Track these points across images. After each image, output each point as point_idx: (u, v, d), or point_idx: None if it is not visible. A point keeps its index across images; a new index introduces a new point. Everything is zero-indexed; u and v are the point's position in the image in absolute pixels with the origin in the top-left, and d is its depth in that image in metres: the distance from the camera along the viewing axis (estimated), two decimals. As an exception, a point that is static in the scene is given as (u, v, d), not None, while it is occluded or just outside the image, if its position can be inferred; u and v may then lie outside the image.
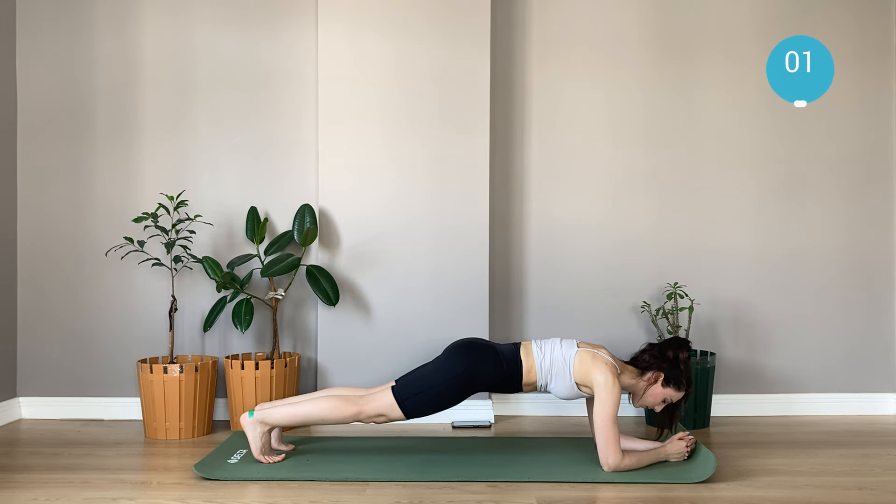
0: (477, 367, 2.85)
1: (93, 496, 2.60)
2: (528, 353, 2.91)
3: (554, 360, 2.87)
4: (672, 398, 2.90)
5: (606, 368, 2.80)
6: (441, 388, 2.82)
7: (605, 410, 2.74)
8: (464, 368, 2.83)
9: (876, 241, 3.82)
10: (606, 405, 2.75)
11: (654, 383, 2.89)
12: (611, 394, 2.76)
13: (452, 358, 2.88)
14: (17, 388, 3.72)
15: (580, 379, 2.84)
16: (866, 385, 3.81)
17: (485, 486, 2.69)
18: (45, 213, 3.72)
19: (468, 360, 2.86)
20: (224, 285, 3.45)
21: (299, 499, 2.58)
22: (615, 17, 3.80)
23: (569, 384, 2.86)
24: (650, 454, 2.84)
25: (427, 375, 2.87)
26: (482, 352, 2.88)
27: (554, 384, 2.88)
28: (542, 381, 2.89)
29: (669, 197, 3.81)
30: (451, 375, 2.83)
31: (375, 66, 3.63)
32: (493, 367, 2.86)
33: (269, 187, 3.72)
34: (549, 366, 2.87)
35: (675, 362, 2.89)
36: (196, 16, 3.72)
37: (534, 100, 3.80)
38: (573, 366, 2.84)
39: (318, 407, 2.86)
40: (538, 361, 2.88)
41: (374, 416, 2.84)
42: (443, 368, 2.86)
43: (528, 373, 2.88)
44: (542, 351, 2.90)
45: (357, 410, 2.83)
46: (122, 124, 3.72)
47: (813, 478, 2.79)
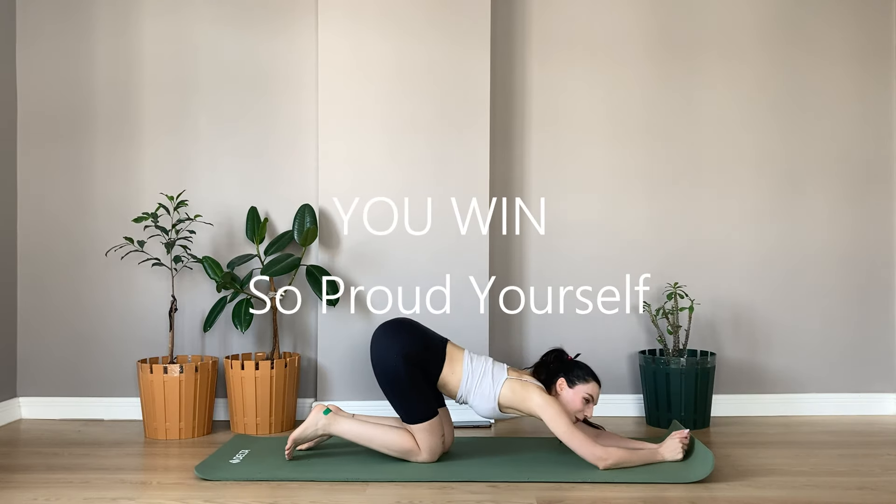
0: (405, 344, 2.86)
1: (93, 496, 2.60)
2: (456, 359, 2.92)
3: (483, 381, 2.89)
4: (589, 393, 2.89)
5: (539, 391, 2.84)
6: (410, 388, 2.84)
7: (559, 425, 2.78)
8: (400, 359, 2.83)
9: (876, 240, 3.82)
10: (557, 420, 2.79)
11: (563, 389, 2.90)
12: (553, 407, 2.80)
13: (386, 362, 2.86)
14: (17, 388, 3.72)
15: (508, 405, 2.88)
16: (866, 385, 3.81)
17: (485, 486, 2.69)
18: (45, 213, 3.72)
19: (394, 346, 2.86)
20: (224, 285, 3.45)
21: (299, 499, 2.58)
22: (615, 16, 3.80)
23: (491, 406, 2.89)
24: (642, 454, 2.85)
25: (399, 396, 2.86)
26: (407, 330, 2.91)
27: (475, 401, 2.90)
28: (462, 393, 2.91)
29: (669, 197, 3.81)
30: (402, 375, 2.83)
31: (375, 65, 3.63)
32: (418, 344, 2.87)
33: (269, 187, 3.72)
34: (475, 384, 2.89)
35: (562, 363, 2.94)
36: (196, 16, 3.72)
37: (534, 99, 3.80)
38: (500, 392, 2.87)
39: (388, 437, 2.88)
40: (465, 374, 2.90)
41: (418, 450, 2.89)
42: (394, 378, 2.85)
43: (449, 375, 2.90)
44: (472, 366, 2.91)
45: (413, 449, 2.87)
46: (122, 124, 3.72)
47: (813, 478, 2.79)
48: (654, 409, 3.56)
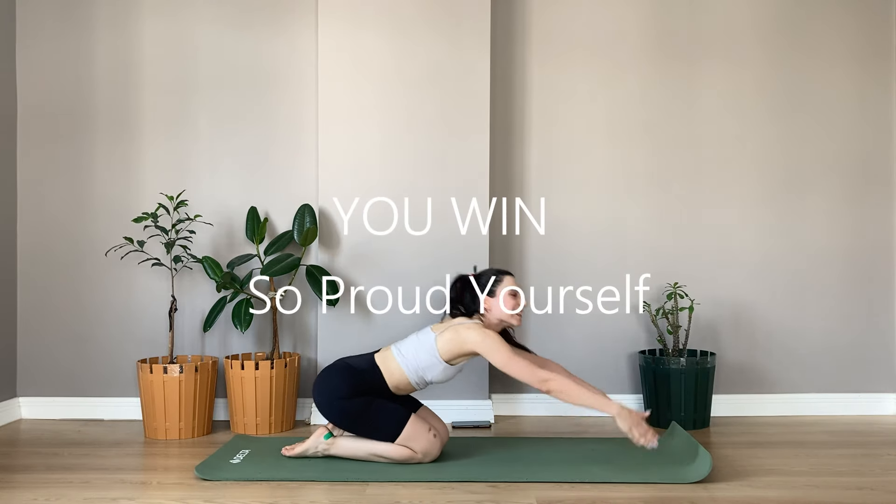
0: (335, 388, 2.87)
1: (93, 496, 2.60)
2: (389, 360, 2.92)
3: (419, 355, 2.89)
4: (509, 287, 2.93)
5: (469, 328, 2.84)
6: (367, 415, 2.86)
7: (499, 356, 2.80)
8: (337, 402, 2.86)
9: (876, 241, 3.82)
10: (495, 352, 2.80)
11: (489, 303, 2.93)
12: (487, 339, 2.81)
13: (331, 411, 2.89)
14: (17, 388, 3.72)
15: (452, 355, 2.88)
16: (866, 385, 3.81)
17: (485, 486, 2.69)
18: (45, 213, 3.72)
19: (327, 395, 2.88)
20: (224, 285, 3.45)
21: (299, 499, 2.58)
22: (615, 17, 3.80)
23: (441, 367, 2.89)
24: (592, 396, 2.78)
25: (363, 426, 2.88)
26: (330, 374, 2.93)
27: (430, 375, 2.91)
28: (415, 379, 2.91)
29: (669, 197, 3.81)
30: (350, 412, 2.86)
31: (375, 65, 3.63)
32: (344, 381, 2.88)
33: (269, 187, 3.72)
34: (416, 364, 2.89)
35: (470, 284, 2.97)
36: (196, 15, 3.72)
37: (534, 99, 3.80)
38: (438, 350, 2.87)
39: (385, 449, 2.88)
40: (403, 364, 2.90)
41: (415, 453, 2.89)
42: (346, 416, 2.87)
43: (391, 376, 2.90)
44: (403, 353, 2.92)
45: (411, 455, 2.87)
46: (122, 124, 3.72)
47: (813, 478, 2.79)
48: (654, 409, 3.56)
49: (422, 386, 2.95)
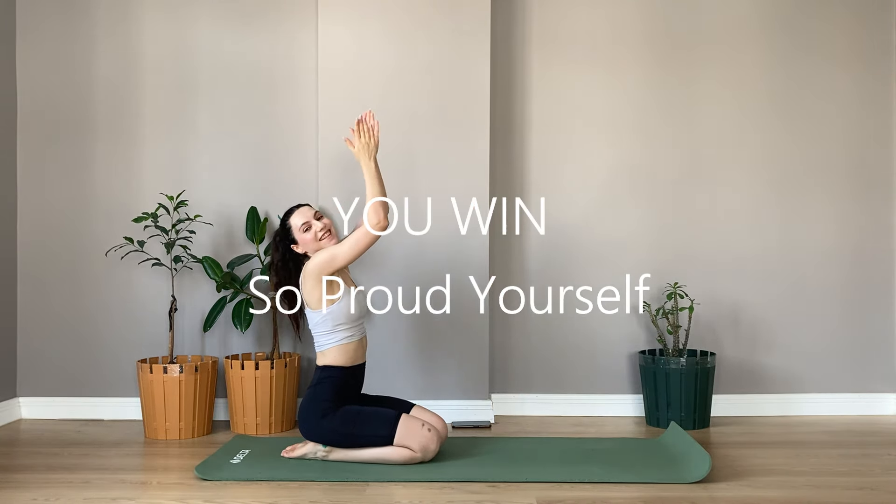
0: (316, 408, 2.93)
1: (93, 496, 2.61)
2: (319, 356, 3.02)
3: (315, 328, 2.98)
4: (301, 221, 3.01)
5: (308, 264, 2.95)
6: (356, 424, 2.88)
7: (336, 250, 2.93)
8: (322, 422, 2.91)
9: (876, 241, 3.82)
10: (330, 254, 2.92)
11: (300, 242, 3.01)
12: (318, 255, 2.94)
13: (321, 435, 2.93)
14: (17, 388, 3.72)
15: (318, 296, 2.94)
16: (866, 385, 3.81)
17: (485, 486, 2.69)
18: (45, 212, 3.72)
19: (311, 422, 2.93)
20: (224, 285, 3.45)
21: (299, 499, 2.58)
22: (615, 16, 3.80)
23: (325, 312, 2.94)
24: (370, 179, 2.98)
25: (358, 439, 2.89)
26: (304, 402, 2.99)
27: (330, 324, 2.95)
28: (334, 341, 2.96)
29: (669, 196, 3.81)
30: (339, 425, 2.89)
31: (376, 65, 3.63)
32: (316, 398, 2.94)
33: (269, 187, 3.72)
34: (319, 333, 2.98)
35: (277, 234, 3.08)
36: (196, 15, 3.72)
37: (534, 99, 3.80)
38: (310, 307, 2.97)
39: (384, 451, 2.89)
40: (319, 346, 2.99)
41: (413, 452, 2.89)
42: (337, 437, 2.91)
43: (334, 360, 2.97)
44: (315, 340, 3.01)
45: (411, 455, 2.87)
46: (122, 124, 3.72)
47: (813, 478, 2.79)
48: (654, 409, 3.56)
49: (347, 338, 2.97)
